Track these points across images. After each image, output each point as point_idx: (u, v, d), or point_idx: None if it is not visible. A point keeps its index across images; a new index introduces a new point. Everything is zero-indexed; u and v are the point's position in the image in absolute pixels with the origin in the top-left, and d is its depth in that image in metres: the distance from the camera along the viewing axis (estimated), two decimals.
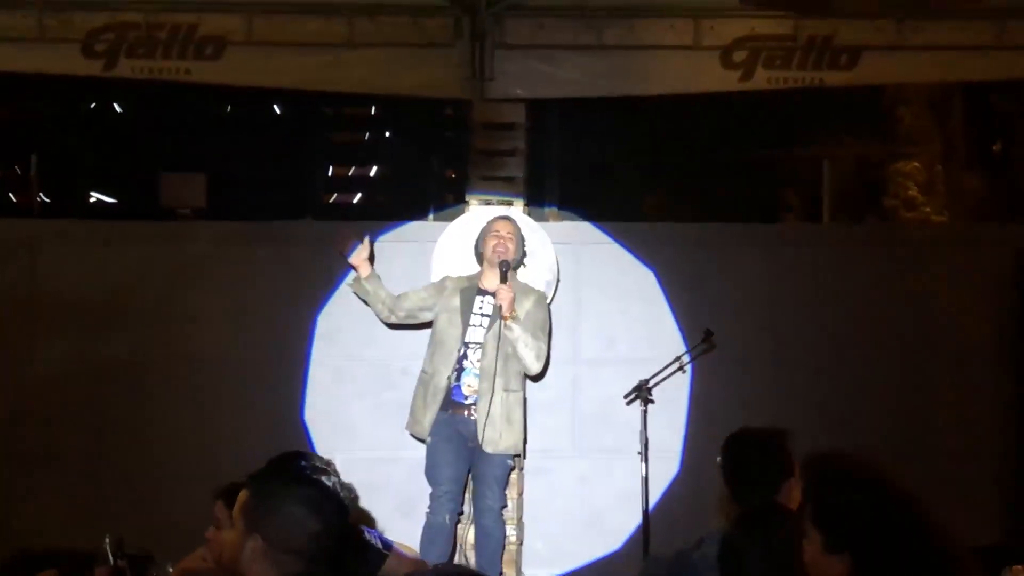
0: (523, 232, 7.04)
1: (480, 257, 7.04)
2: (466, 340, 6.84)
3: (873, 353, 7.78)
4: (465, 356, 6.83)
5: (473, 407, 6.78)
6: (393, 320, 7.08)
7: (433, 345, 6.95)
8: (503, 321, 6.72)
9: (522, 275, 7.24)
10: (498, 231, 6.96)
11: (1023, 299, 7.68)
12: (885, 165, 11.62)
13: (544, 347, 6.83)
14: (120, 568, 3.95)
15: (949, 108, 11.30)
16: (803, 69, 7.51)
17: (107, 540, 4.10)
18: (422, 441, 6.91)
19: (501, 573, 7.02)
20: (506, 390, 6.77)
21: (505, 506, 7.03)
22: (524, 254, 7.06)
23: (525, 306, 6.85)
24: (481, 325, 6.85)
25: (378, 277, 7.02)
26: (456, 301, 6.92)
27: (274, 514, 3.14)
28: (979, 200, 11.01)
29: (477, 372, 6.78)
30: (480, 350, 6.80)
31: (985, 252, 7.91)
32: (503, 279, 6.78)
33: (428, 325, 7.06)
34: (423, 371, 6.98)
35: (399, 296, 7.08)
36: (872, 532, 2.90)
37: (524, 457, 7.28)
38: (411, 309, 7.07)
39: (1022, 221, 9.84)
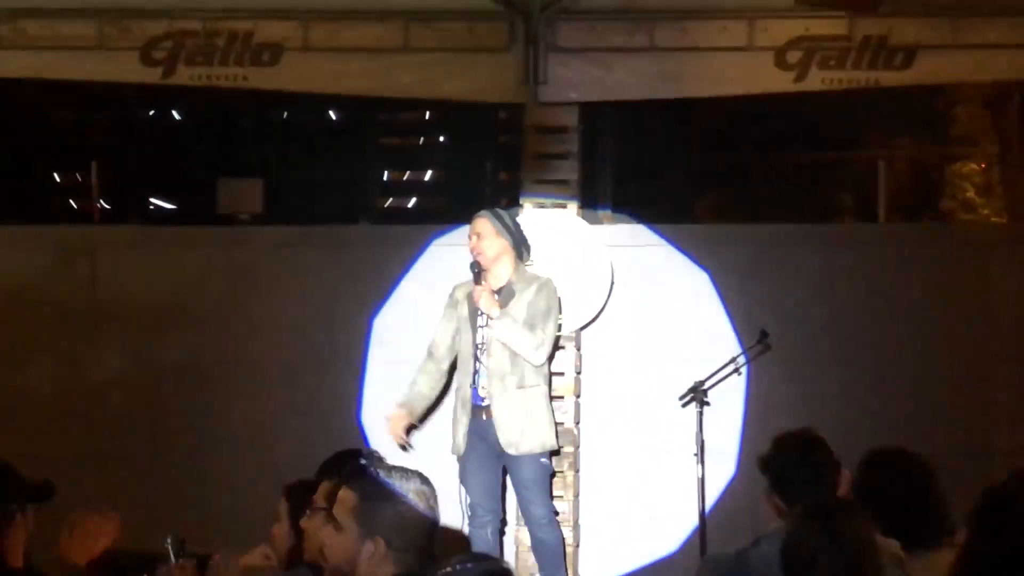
0: (506, 222, 6.81)
1: None
2: (476, 343, 6.78)
3: (930, 355, 7.72)
4: (478, 359, 6.77)
5: (489, 409, 6.72)
6: (447, 367, 7.00)
7: (458, 357, 6.93)
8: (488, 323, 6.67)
9: (576, 274, 7.26)
10: (472, 230, 6.85)
11: None
12: (941, 166, 11.53)
13: (544, 335, 6.64)
14: (182, 568, 3.99)
15: (1006, 108, 11.19)
16: (858, 69, 7.45)
17: (168, 540, 4.14)
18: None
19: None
20: (520, 387, 6.67)
21: (556, 511, 6.97)
22: (522, 243, 6.85)
23: (526, 296, 6.72)
24: (488, 326, 6.74)
25: (412, 402, 7.01)
26: (465, 309, 6.85)
27: (393, 514, 3.16)
28: None
29: (487, 374, 6.74)
30: (487, 351, 6.75)
31: None
32: (476, 280, 6.70)
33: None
34: (456, 388, 6.96)
35: (428, 354, 7.03)
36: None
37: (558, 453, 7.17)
38: (446, 348, 6.99)
39: None
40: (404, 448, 6.92)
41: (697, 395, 7.10)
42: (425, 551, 3.19)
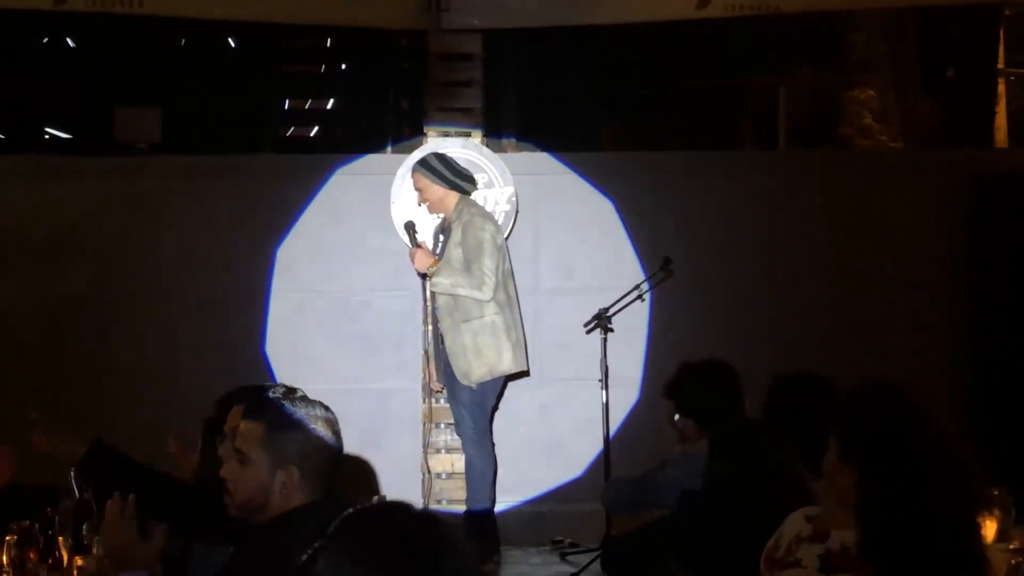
0: (436, 167, 6.84)
1: None
2: (426, 285, 6.93)
3: (828, 278, 7.84)
4: (434, 300, 6.92)
5: (445, 343, 6.86)
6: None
7: None
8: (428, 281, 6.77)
9: (484, 203, 7.29)
10: (414, 187, 6.96)
11: (975, 224, 7.73)
12: (840, 93, 11.61)
13: (482, 271, 6.69)
14: (86, 500, 3.95)
15: (903, 34, 11.29)
16: None
17: (72, 474, 4.09)
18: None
19: (488, 504, 6.99)
20: (465, 321, 6.78)
21: (491, 439, 6.99)
22: (460, 180, 6.87)
23: (456, 236, 6.80)
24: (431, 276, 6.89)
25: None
26: (433, 244, 7.01)
27: (303, 442, 3.15)
28: (933, 127, 11.03)
29: (439, 312, 6.87)
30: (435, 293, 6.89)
31: (939, 178, 7.96)
32: (410, 240, 6.82)
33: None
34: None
35: None
36: (882, 446, 2.93)
37: (528, 373, 7.22)
38: None
39: (975, 147, 9.87)
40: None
41: (601, 322, 7.14)
42: (332, 477, 3.18)
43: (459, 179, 6.89)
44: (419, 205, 6.98)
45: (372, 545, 1.98)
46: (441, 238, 6.96)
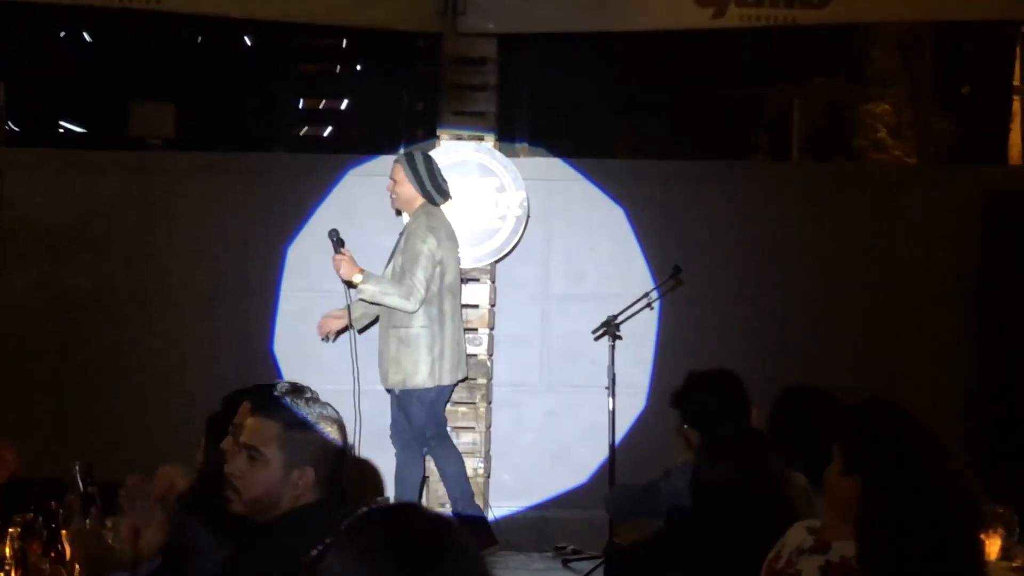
0: (419, 168, 6.88)
1: None
2: None
3: (839, 292, 7.83)
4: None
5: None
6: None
7: None
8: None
9: (492, 207, 7.29)
10: (390, 174, 6.99)
11: (988, 240, 7.72)
12: (855, 106, 11.61)
13: (412, 282, 6.68)
14: (90, 494, 3.94)
15: (920, 49, 11.29)
16: (776, 7, 7.48)
17: (76, 467, 4.09)
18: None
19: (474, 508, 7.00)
20: (394, 327, 6.80)
21: (426, 437, 6.91)
22: (434, 189, 6.89)
23: (401, 244, 6.84)
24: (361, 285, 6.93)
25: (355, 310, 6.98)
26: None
27: (318, 442, 3.15)
28: (948, 143, 11.03)
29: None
30: None
31: (952, 193, 7.95)
32: (335, 249, 6.77)
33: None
34: None
35: None
36: (884, 458, 2.94)
37: (454, 386, 7.09)
38: None
39: (990, 164, 9.86)
40: (325, 339, 7.11)
41: (610, 329, 7.13)
42: (341, 479, 3.19)
43: (434, 189, 6.92)
44: (388, 192, 7.00)
45: (382, 544, 1.99)
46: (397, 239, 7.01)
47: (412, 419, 6.86)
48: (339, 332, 7.08)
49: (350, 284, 6.79)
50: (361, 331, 7.13)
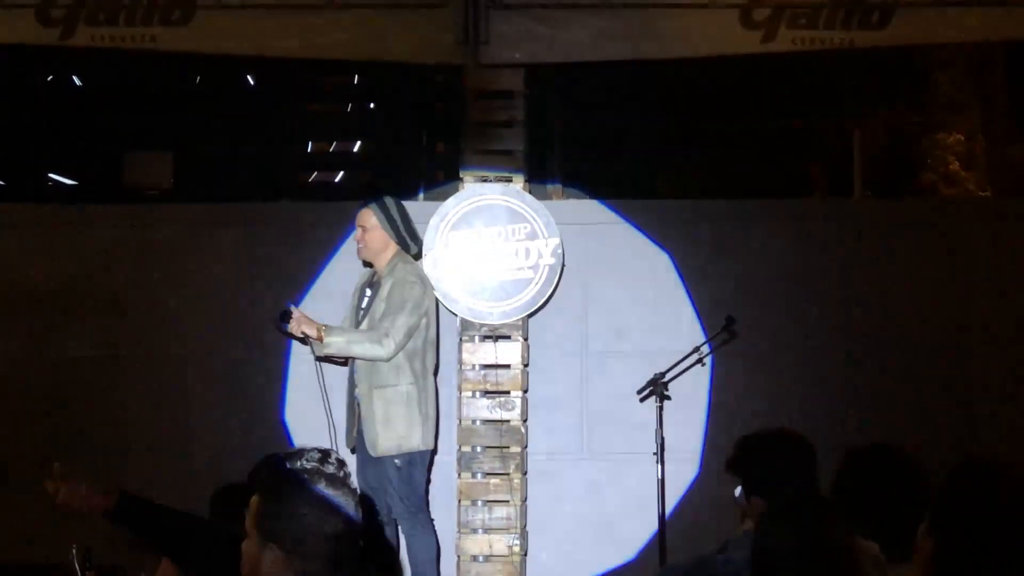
0: (392, 214, 6.98)
1: None
2: None
3: (908, 341, 7.79)
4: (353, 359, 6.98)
5: (360, 408, 6.90)
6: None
7: None
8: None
9: (522, 256, 7.36)
10: (357, 221, 7.06)
11: None
12: (921, 136, 11.61)
13: (390, 326, 6.71)
14: None
15: (991, 74, 11.29)
16: (831, 29, 7.49)
17: (73, 551, 4.11)
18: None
19: None
20: (378, 387, 6.81)
21: (422, 511, 6.88)
22: (408, 236, 7.01)
23: (384, 291, 6.86)
24: (361, 320, 6.98)
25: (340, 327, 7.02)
26: (355, 300, 7.10)
27: (288, 519, 3.14)
28: (1022, 173, 11.01)
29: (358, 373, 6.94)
30: None
31: None
32: (281, 326, 6.83)
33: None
34: None
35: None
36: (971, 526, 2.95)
37: (436, 452, 7.10)
38: None
39: None
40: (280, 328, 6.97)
41: (657, 388, 7.12)
42: (339, 561, 3.16)
43: (409, 236, 7.02)
44: (356, 241, 7.06)
45: None
46: (367, 292, 7.02)
47: (411, 486, 6.80)
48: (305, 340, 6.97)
49: (304, 341, 6.83)
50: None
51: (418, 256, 7.23)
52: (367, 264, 7.07)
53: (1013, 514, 2.95)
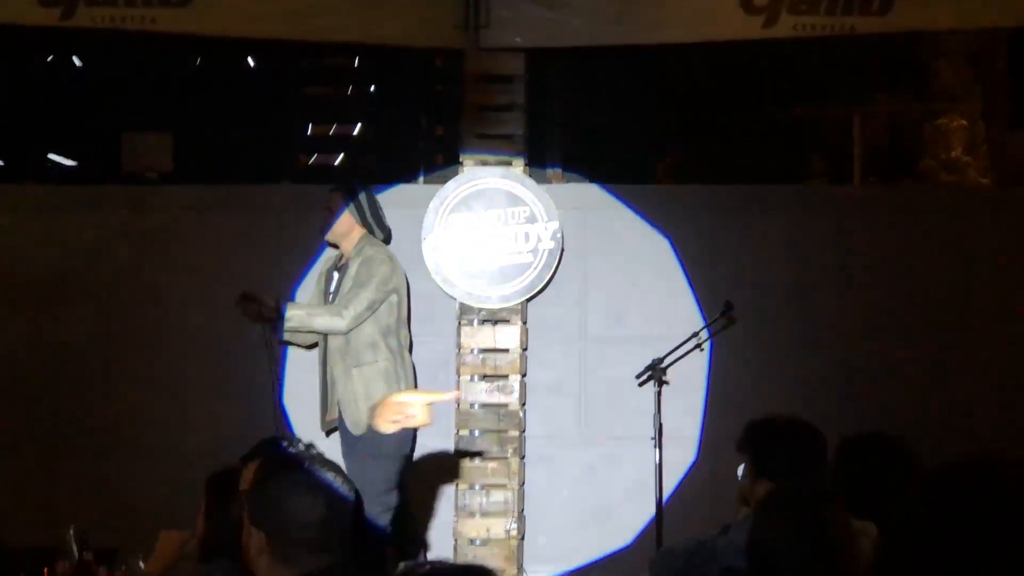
0: (360, 201, 7.11)
1: None
2: None
3: (908, 328, 7.79)
4: (326, 341, 7.03)
5: (336, 390, 6.95)
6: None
7: None
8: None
9: (522, 240, 7.41)
10: (324, 203, 7.18)
11: None
12: (921, 123, 11.59)
13: (352, 299, 6.82)
14: (86, 562, 3.97)
15: (992, 61, 11.27)
16: (832, 15, 7.48)
17: (70, 533, 4.12)
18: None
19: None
20: (356, 367, 6.86)
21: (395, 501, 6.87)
22: (375, 222, 7.12)
23: (351, 270, 6.94)
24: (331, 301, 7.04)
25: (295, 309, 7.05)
26: (322, 284, 7.17)
27: (270, 505, 3.16)
28: None
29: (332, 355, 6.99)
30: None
31: None
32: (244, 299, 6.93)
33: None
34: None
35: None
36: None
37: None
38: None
39: None
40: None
41: (655, 374, 7.13)
42: (323, 548, 3.16)
43: (375, 223, 7.13)
44: (323, 223, 7.16)
45: None
46: (335, 275, 7.07)
47: (378, 461, 6.75)
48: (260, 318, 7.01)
49: (269, 321, 6.89)
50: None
51: (385, 243, 7.27)
52: (333, 246, 7.17)
53: (1013, 513, 2.94)
